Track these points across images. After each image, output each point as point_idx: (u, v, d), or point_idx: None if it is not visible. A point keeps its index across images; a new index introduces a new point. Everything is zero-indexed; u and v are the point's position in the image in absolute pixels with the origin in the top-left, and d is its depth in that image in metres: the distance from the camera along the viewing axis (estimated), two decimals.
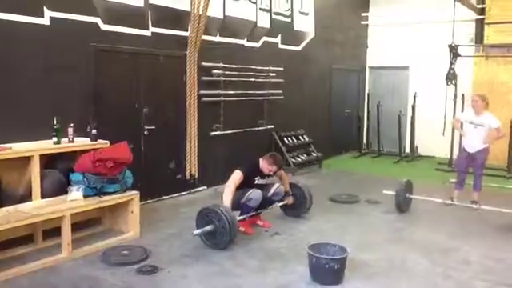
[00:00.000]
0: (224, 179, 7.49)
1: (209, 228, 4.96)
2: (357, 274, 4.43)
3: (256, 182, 5.79)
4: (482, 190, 6.90)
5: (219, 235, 4.94)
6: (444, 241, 5.43)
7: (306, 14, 9.91)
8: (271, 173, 5.73)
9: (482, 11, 10.43)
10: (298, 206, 6.17)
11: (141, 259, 4.62)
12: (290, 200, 6.07)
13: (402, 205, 6.45)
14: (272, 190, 5.75)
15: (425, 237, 5.58)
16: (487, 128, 6.63)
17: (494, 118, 6.67)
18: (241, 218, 5.46)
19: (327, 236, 5.35)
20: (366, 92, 12.37)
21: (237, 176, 5.41)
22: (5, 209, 4.46)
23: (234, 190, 5.34)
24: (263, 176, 5.83)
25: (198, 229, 5.03)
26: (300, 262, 4.56)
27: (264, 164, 5.65)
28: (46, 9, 5.30)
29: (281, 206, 6.13)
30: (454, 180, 8.36)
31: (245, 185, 5.48)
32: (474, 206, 6.49)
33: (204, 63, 7.29)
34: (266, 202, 5.76)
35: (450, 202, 6.82)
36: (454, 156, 9.55)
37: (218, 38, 7.69)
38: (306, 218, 6.20)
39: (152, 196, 6.63)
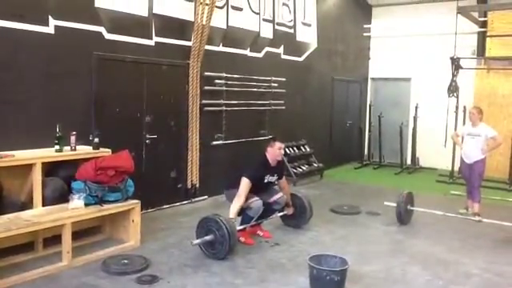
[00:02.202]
0: (224, 191, 7.53)
1: (208, 238, 4.96)
2: (357, 285, 4.42)
3: (266, 180, 5.64)
4: (483, 202, 6.92)
5: (219, 245, 4.93)
6: (445, 253, 5.41)
7: (309, 25, 9.96)
8: (281, 155, 5.65)
9: (484, 24, 10.47)
10: (297, 216, 6.15)
11: (141, 268, 4.61)
12: (289, 210, 6.05)
13: (403, 217, 6.44)
14: (273, 198, 5.72)
15: (425, 249, 5.57)
16: (484, 138, 6.79)
17: (489, 128, 6.91)
18: (241, 227, 5.45)
19: (328, 247, 5.35)
20: (368, 103, 12.38)
21: (246, 186, 5.31)
22: (5, 216, 4.46)
23: (244, 199, 5.29)
24: (273, 171, 5.67)
25: (197, 238, 5.03)
26: (300, 274, 4.55)
27: (271, 152, 5.56)
28: (50, 18, 5.34)
29: (281, 216, 6.12)
30: (455, 192, 8.40)
31: (256, 187, 5.41)
32: (476, 218, 6.50)
33: (207, 73, 7.33)
34: (267, 210, 5.73)
35: (464, 211, 6.99)
36: (456, 168, 9.55)
37: (220, 48, 7.73)
38: (306, 228, 6.19)
39: (153, 205, 6.63)
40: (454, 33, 8.87)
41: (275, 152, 5.59)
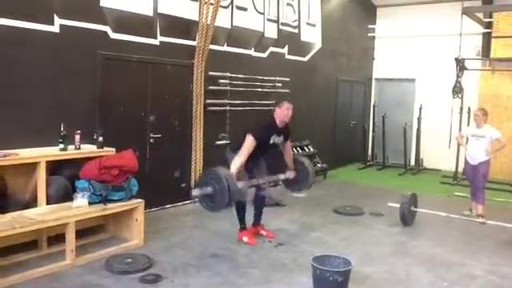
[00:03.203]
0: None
1: (208, 190, 4.86)
2: (360, 286, 4.41)
3: (272, 141, 5.46)
4: (487, 204, 6.92)
5: (218, 197, 4.82)
6: (448, 255, 5.40)
7: (313, 25, 9.96)
8: (289, 117, 5.46)
9: (489, 25, 10.45)
10: (299, 180, 5.98)
11: (144, 268, 4.62)
12: (291, 174, 5.88)
13: (407, 218, 6.43)
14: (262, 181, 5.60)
15: (429, 250, 5.55)
16: (488, 139, 6.79)
17: (494, 129, 6.92)
18: (243, 226, 5.51)
19: (331, 248, 5.34)
20: (372, 103, 12.37)
21: (250, 144, 5.14)
22: (10, 214, 4.47)
23: (246, 158, 5.15)
24: (279, 132, 5.50)
25: (197, 190, 4.96)
26: (304, 274, 4.54)
27: (278, 112, 5.41)
28: (56, 17, 5.36)
29: (283, 182, 6.01)
30: (459, 194, 8.38)
31: (259, 149, 5.27)
32: (480, 220, 6.50)
33: (211, 72, 7.33)
34: (257, 200, 5.72)
35: (468, 212, 6.98)
36: (460, 169, 9.53)
37: (225, 48, 7.73)
38: (309, 229, 6.20)
39: (156, 204, 6.63)
40: (458, 34, 8.85)
41: (283, 112, 5.41)
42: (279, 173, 5.79)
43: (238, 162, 5.11)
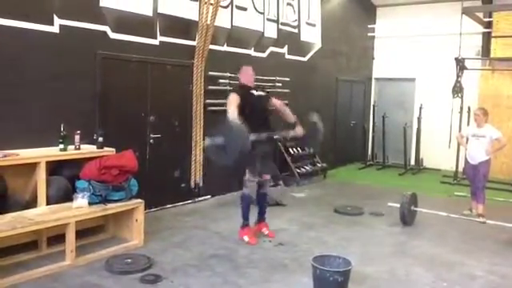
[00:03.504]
0: (228, 189, 7.54)
1: (219, 140, 4.85)
2: (361, 286, 4.41)
3: (256, 94, 5.63)
4: (487, 204, 6.92)
5: (229, 148, 4.80)
6: (449, 255, 5.40)
7: (313, 25, 9.95)
8: (253, 80, 5.71)
9: (489, 24, 10.45)
10: (309, 136, 6.03)
11: (144, 268, 4.62)
12: (298, 130, 5.87)
13: (407, 217, 6.42)
14: (266, 177, 5.68)
15: (429, 250, 5.55)
16: (489, 139, 6.79)
17: (494, 129, 6.91)
18: (244, 223, 5.53)
19: (331, 248, 5.34)
20: (372, 103, 12.37)
21: (232, 98, 5.31)
22: (10, 215, 4.47)
23: (236, 110, 5.20)
24: (256, 88, 5.73)
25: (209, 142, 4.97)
26: (304, 274, 4.54)
27: (244, 77, 5.65)
28: (55, 17, 5.35)
29: (291, 139, 6.00)
30: (459, 193, 8.38)
31: (252, 109, 5.38)
32: (480, 219, 6.51)
33: (211, 72, 7.33)
34: (260, 199, 5.74)
35: (468, 212, 6.99)
36: (460, 169, 9.54)
37: (225, 48, 7.73)
38: (309, 228, 6.20)
39: (156, 204, 6.63)
40: (458, 33, 8.86)
41: (248, 73, 5.64)
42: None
43: (232, 112, 5.15)
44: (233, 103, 5.24)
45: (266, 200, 5.91)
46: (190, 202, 7.23)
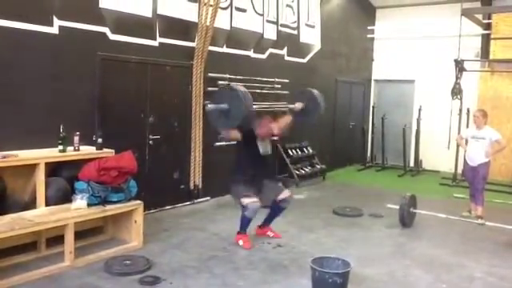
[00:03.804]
0: (228, 190, 7.49)
1: (223, 105, 4.88)
2: None
3: (261, 151, 5.50)
4: (486, 206, 6.91)
5: (232, 114, 4.87)
6: (447, 256, 5.40)
7: (313, 27, 9.96)
8: (272, 128, 5.49)
9: (488, 26, 10.46)
10: (309, 111, 5.92)
11: (143, 269, 4.61)
12: (298, 105, 5.85)
13: (406, 219, 6.42)
14: (281, 196, 5.59)
15: (428, 252, 5.55)
16: (488, 141, 6.79)
17: (493, 131, 6.90)
18: (241, 231, 5.49)
19: (330, 249, 5.34)
20: (371, 105, 12.38)
21: (234, 131, 5.28)
22: (9, 216, 4.46)
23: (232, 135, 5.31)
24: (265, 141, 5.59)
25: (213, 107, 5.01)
26: (303, 276, 4.55)
27: (261, 129, 5.42)
28: (55, 18, 5.36)
29: (290, 112, 5.93)
30: (458, 195, 8.38)
31: (250, 153, 5.40)
32: (479, 221, 6.51)
33: (210, 74, 7.33)
34: (276, 209, 5.70)
35: (467, 214, 6.99)
36: (459, 171, 9.55)
37: (224, 49, 7.73)
38: (308, 230, 6.20)
39: (155, 206, 6.63)
40: (457, 35, 8.87)
41: (264, 128, 5.45)
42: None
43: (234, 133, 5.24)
44: (232, 133, 5.28)
45: (281, 212, 5.82)
46: (189, 203, 7.23)
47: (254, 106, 7.53)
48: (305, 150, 9.73)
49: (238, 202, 5.43)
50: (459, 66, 9.09)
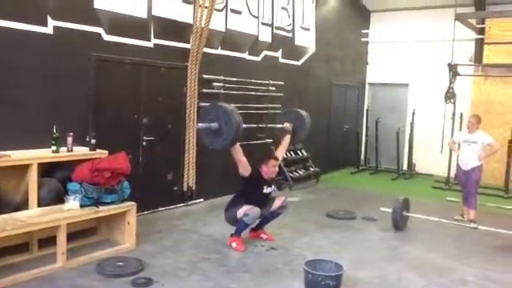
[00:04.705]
0: (221, 192, 7.52)
1: (213, 125, 4.92)
2: None
3: (265, 191, 5.61)
4: (478, 209, 6.95)
5: (221, 135, 4.91)
6: (440, 260, 5.42)
7: (307, 30, 9.98)
8: (276, 170, 5.62)
9: (481, 31, 10.52)
10: (296, 130, 6.12)
11: (136, 271, 4.59)
12: (288, 125, 6.08)
13: (399, 223, 6.44)
14: (275, 206, 5.68)
15: (421, 255, 5.57)
16: (480, 145, 6.81)
17: (486, 135, 6.94)
18: (235, 234, 5.49)
19: (323, 252, 5.34)
20: (365, 108, 12.42)
21: (245, 161, 5.34)
22: (1, 216, 4.44)
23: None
24: (269, 183, 5.64)
25: (202, 123, 5.04)
26: (296, 278, 4.55)
27: (265, 170, 5.53)
28: (49, 18, 5.34)
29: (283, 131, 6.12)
30: (451, 199, 8.42)
31: (254, 198, 5.44)
32: (472, 225, 6.54)
33: (205, 75, 7.32)
34: (270, 216, 5.74)
35: (460, 217, 7.01)
36: (452, 174, 9.58)
37: (219, 51, 7.73)
38: (302, 233, 6.19)
39: (149, 207, 6.61)
40: (451, 39, 8.92)
41: (269, 170, 5.57)
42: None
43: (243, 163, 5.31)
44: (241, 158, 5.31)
45: (276, 217, 5.85)
46: (182, 205, 7.21)
47: (250, 110, 7.62)
48: (299, 152, 9.73)
49: (234, 220, 5.47)
50: (453, 70, 9.13)
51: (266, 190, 5.64)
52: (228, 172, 6.93)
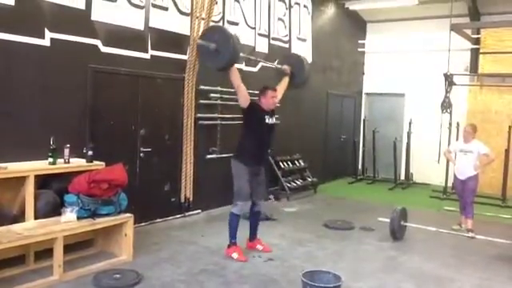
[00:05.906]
0: (219, 203, 7.50)
1: (212, 45, 5.20)
2: None
3: (267, 121, 5.58)
4: (476, 219, 6.96)
5: (220, 54, 5.17)
6: (438, 270, 5.40)
7: (304, 40, 10.03)
8: (275, 102, 5.65)
9: (477, 41, 10.60)
10: (296, 73, 6.27)
11: (133, 283, 4.57)
12: (286, 68, 6.22)
13: (397, 233, 6.43)
14: (256, 199, 5.68)
15: (419, 265, 5.55)
16: (476, 154, 6.83)
17: (482, 144, 6.95)
18: (233, 240, 5.49)
19: (321, 263, 5.33)
20: (362, 118, 12.46)
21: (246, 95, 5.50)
22: None
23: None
24: (269, 113, 5.65)
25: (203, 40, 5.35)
26: None
27: (264, 102, 5.57)
28: (46, 30, 5.35)
29: (278, 73, 6.28)
30: (448, 208, 8.42)
31: (257, 126, 5.49)
32: (469, 234, 6.54)
33: (202, 86, 7.34)
34: (253, 219, 5.79)
35: (458, 227, 7.03)
36: (449, 184, 9.59)
37: None
38: (299, 243, 6.18)
39: (146, 219, 6.58)
40: (447, 49, 8.97)
41: (268, 101, 5.55)
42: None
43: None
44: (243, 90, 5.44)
45: (259, 218, 5.90)
46: (179, 216, 7.18)
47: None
48: (296, 162, 9.73)
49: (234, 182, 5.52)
50: (449, 80, 9.18)
51: (269, 120, 5.58)
52: (226, 183, 6.92)
